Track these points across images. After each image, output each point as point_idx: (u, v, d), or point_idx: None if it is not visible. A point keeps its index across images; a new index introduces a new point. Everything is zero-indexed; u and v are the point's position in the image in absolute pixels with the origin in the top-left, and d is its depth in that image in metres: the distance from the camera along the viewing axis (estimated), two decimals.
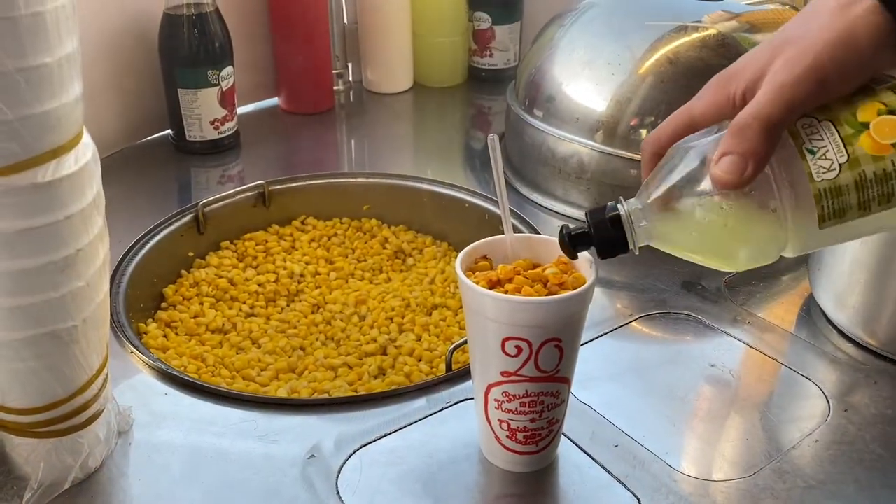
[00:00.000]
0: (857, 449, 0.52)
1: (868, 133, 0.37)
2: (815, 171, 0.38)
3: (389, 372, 0.68)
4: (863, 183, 0.37)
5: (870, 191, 0.38)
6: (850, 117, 0.38)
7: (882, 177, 0.37)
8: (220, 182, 0.89)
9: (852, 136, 0.37)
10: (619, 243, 0.43)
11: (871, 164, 0.37)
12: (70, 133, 0.40)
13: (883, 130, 0.37)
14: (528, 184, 0.85)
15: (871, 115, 0.37)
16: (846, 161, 0.37)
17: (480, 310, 0.45)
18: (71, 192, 0.40)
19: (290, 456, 0.52)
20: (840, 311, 0.61)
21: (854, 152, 0.37)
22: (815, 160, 0.38)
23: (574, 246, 0.45)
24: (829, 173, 0.38)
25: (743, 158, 0.38)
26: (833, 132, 0.38)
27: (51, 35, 0.37)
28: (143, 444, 0.53)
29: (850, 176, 0.37)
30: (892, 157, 0.37)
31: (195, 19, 0.88)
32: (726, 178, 0.38)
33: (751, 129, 0.37)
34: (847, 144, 0.37)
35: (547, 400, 0.47)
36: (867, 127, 0.37)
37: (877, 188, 0.37)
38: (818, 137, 0.38)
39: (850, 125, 0.38)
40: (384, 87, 1.12)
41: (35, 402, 0.44)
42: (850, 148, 0.37)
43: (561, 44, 0.83)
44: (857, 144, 0.37)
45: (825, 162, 0.38)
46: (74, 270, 0.42)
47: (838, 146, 0.38)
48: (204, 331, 0.73)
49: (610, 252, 0.44)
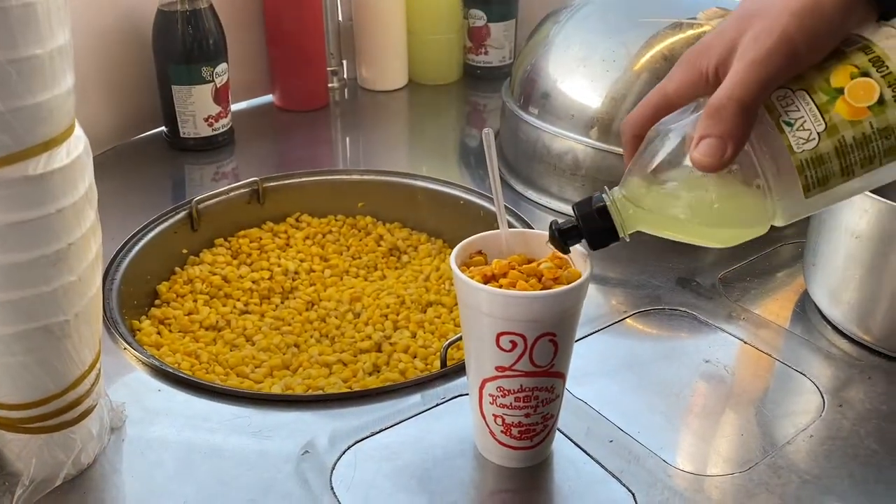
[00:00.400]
0: (851, 444, 0.52)
1: (843, 98, 0.37)
2: (794, 142, 0.38)
3: (384, 369, 0.68)
4: (843, 149, 0.37)
5: (851, 156, 0.37)
6: (824, 84, 0.37)
7: (862, 141, 0.37)
8: (214, 179, 0.89)
9: (828, 104, 0.37)
10: (608, 233, 0.43)
11: (850, 130, 0.37)
12: (62, 125, 0.40)
13: (857, 94, 0.37)
14: (523, 181, 0.84)
15: (845, 80, 0.37)
16: (824, 129, 0.37)
17: (475, 304, 0.45)
18: (63, 186, 0.40)
19: (284, 452, 0.52)
20: (835, 307, 0.61)
21: (831, 119, 0.37)
22: (793, 132, 0.38)
23: (564, 241, 0.45)
24: (808, 143, 0.37)
25: (721, 140, 0.37)
26: (808, 101, 0.38)
27: (42, 26, 0.36)
28: (136, 440, 0.52)
29: (829, 144, 0.37)
30: (870, 120, 0.37)
31: (189, 15, 0.87)
32: (706, 161, 0.38)
33: (726, 111, 0.37)
34: (823, 112, 0.37)
35: (542, 395, 0.47)
36: (842, 92, 0.37)
37: (858, 153, 0.37)
38: (794, 108, 0.38)
39: (825, 92, 0.37)
40: (379, 85, 1.12)
41: (26, 397, 0.44)
42: (826, 116, 0.37)
43: (556, 41, 0.83)
44: (834, 111, 0.37)
45: (803, 132, 0.37)
46: (66, 264, 0.42)
47: (815, 115, 0.37)
48: (198, 328, 0.73)
49: (601, 242, 0.44)
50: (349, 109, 1.08)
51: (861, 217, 0.56)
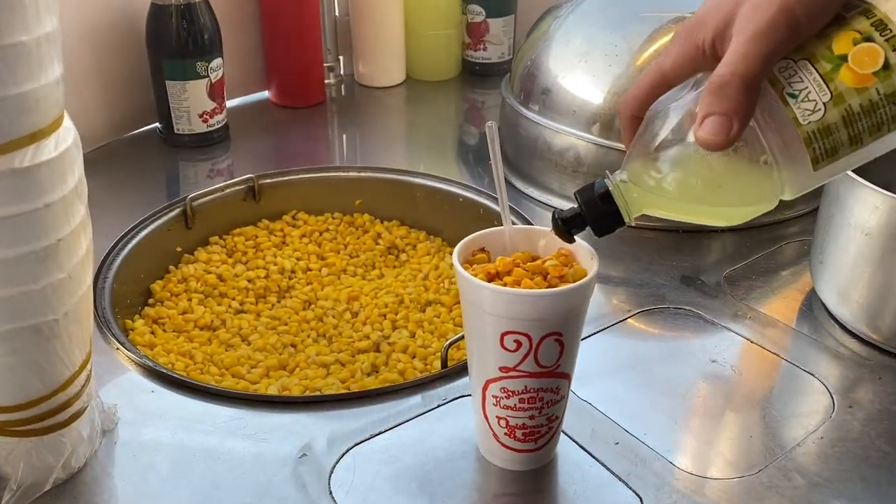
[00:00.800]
0: (862, 446, 0.51)
1: (847, 66, 0.36)
2: (800, 115, 0.36)
3: (383, 369, 0.67)
4: (851, 118, 0.36)
5: (859, 124, 0.36)
6: (826, 52, 0.36)
7: (869, 108, 0.36)
8: (208, 176, 0.87)
9: (832, 72, 0.36)
10: (613, 218, 0.42)
11: (856, 97, 0.36)
12: (50, 116, 0.38)
13: (862, 60, 0.36)
14: (524, 178, 0.83)
15: (848, 46, 0.36)
16: (830, 99, 0.36)
17: (478, 303, 0.44)
18: (51, 179, 0.39)
19: (281, 455, 0.50)
20: (843, 306, 0.60)
21: (836, 88, 0.36)
22: (798, 104, 0.36)
23: (568, 229, 0.44)
24: (814, 115, 0.36)
25: (727, 118, 0.36)
26: (811, 71, 0.36)
27: (28, 12, 0.35)
28: (128, 442, 0.51)
29: (836, 113, 0.36)
30: (877, 86, 0.36)
31: (183, 9, 0.86)
32: (713, 140, 0.37)
33: (730, 87, 0.36)
34: (828, 81, 0.36)
35: (547, 396, 0.46)
36: (845, 59, 0.36)
37: (865, 120, 0.36)
38: (797, 80, 0.37)
39: (828, 60, 0.36)
40: (376, 81, 1.11)
41: (14, 399, 0.42)
42: (831, 85, 0.36)
43: (557, 35, 0.82)
44: (838, 79, 0.36)
45: (809, 104, 0.36)
46: (55, 261, 0.40)
47: (819, 85, 0.36)
48: (192, 327, 0.71)
49: (606, 228, 0.43)
50: (346, 106, 1.07)
51: (871, 214, 0.55)
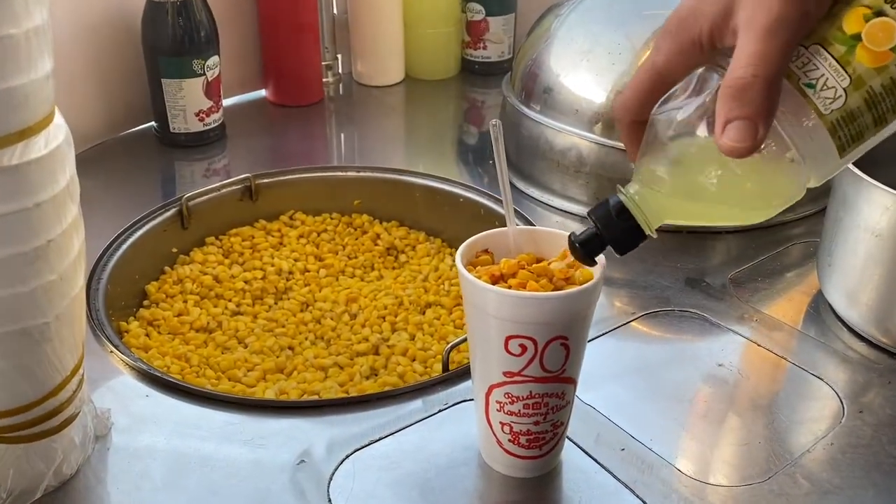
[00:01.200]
0: (873, 452, 0.50)
1: (862, 45, 0.34)
2: (821, 105, 0.35)
3: (382, 372, 0.65)
4: (873, 99, 0.35)
5: (883, 104, 0.35)
6: (838, 33, 0.35)
7: (891, 86, 0.35)
8: (205, 175, 0.86)
9: (847, 54, 0.34)
10: (634, 233, 0.40)
11: (877, 78, 0.34)
12: (39, 113, 0.37)
13: (877, 37, 0.34)
14: (525, 178, 0.82)
15: (860, 24, 0.34)
16: (849, 84, 0.35)
17: (482, 306, 0.43)
18: (41, 178, 0.37)
19: (279, 461, 0.49)
20: (852, 309, 0.59)
21: (855, 71, 0.34)
22: (817, 94, 0.35)
23: (589, 253, 0.41)
24: (835, 102, 0.35)
25: (752, 122, 0.34)
26: (826, 56, 0.35)
27: (17, 4, 0.34)
28: (122, 448, 0.50)
29: (858, 97, 0.35)
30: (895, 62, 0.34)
31: (180, 6, 0.85)
32: (739, 147, 0.34)
33: (753, 90, 0.34)
34: (844, 65, 0.35)
35: (552, 401, 0.45)
36: (859, 39, 0.34)
37: (889, 99, 0.35)
38: (812, 67, 0.35)
39: (841, 42, 0.35)
40: (375, 80, 1.09)
41: (3, 405, 0.41)
42: (849, 68, 0.34)
43: (558, 34, 0.80)
44: (856, 61, 0.34)
45: (828, 92, 0.35)
46: (46, 263, 0.39)
47: (836, 70, 0.35)
48: (188, 329, 0.70)
49: (629, 245, 0.41)
50: (344, 105, 1.06)
51: (882, 215, 0.54)
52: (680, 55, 0.38)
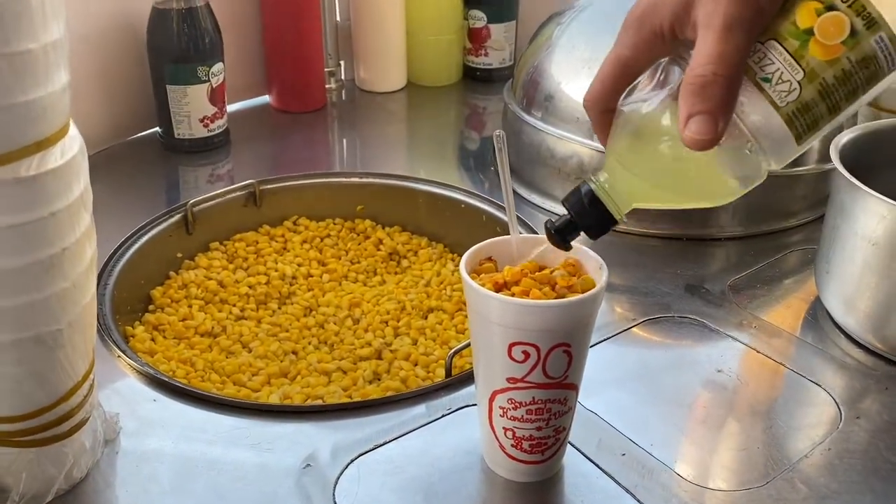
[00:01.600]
0: (871, 458, 0.51)
1: (815, 39, 0.36)
2: (777, 98, 0.37)
3: (385, 377, 0.66)
4: (827, 91, 0.36)
5: (836, 94, 0.36)
6: (792, 28, 0.36)
7: (843, 78, 0.36)
8: (209, 181, 0.87)
9: (801, 49, 0.36)
10: (605, 219, 0.42)
11: (829, 70, 0.36)
12: (56, 124, 0.38)
13: (828, 31, 0.36)
14: (527, 184, 0.83)
15: (811, 19, 0.36)
16: (804, 77, 0.36)
17: (486, 313, 0.44)
18: (56, 188, 0.38)
19: (285, 465, 0.50)
20: (849, 316, 0.60)
21: (808, 64, 0.36)
22: (773, 87, 0.37)
23: (564, 238, 0.44)
24: (791, 95, 0.36)
25: (712, 117, 0.36)
26: (780, 51, 0.36)
27: (36, 19, 0.35)
28: (130, 452, 0.50)
29: (812, 89, 0.36)
30: (847, 55, 0.36)
31: (185, 14, 0.86)
32: (701, 139, 0.36)
33: (714, 86, 0.36)
34: (798, 59, 0.36)
35: (554, 407, 0.46)
36: (812, 33, 0.36)
37: (841, 89, 0.36)
38: (768, 62, 0.37)
39: (794, 37, 0.36)
40: (377, 86, 1.10)
41: (17, 409, 0.42)
42: (802, 62, 0.36)
43: (560, 42, 0.81)
44: (809, 55, 0.36)
45: (783, 85, 0.36)
46: (60, 270, 0.40)
47: (790, 64, 0.36)
48: (193, 334, 0.71)
49: (600, 230, 0.43)
50: (347, 111, 1.07)
51: (879, 223, 0.55)
52: (643, 47, 0.40)
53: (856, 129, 0.64)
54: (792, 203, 0.76)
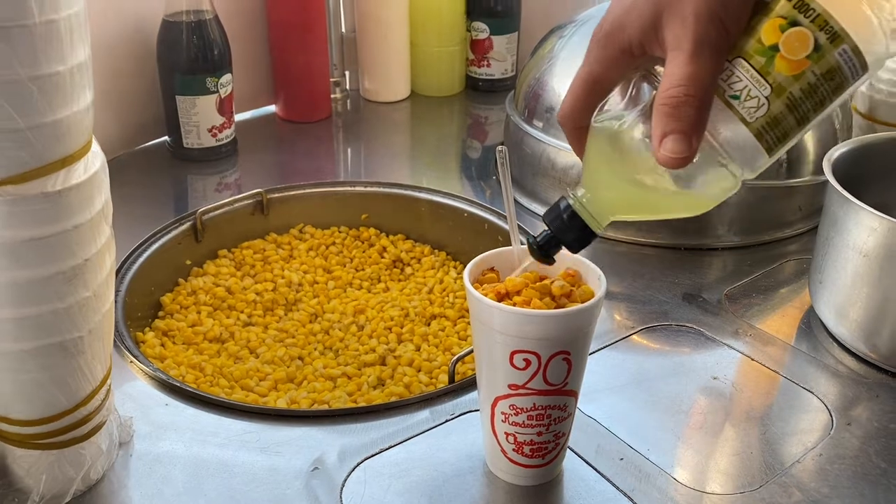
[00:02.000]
0: (861, 463, 0.52)
1: (780, 55, 0.37)
2: (745, 114, 0.38)
3: (389, 382, 0.68)
4: (794, 104, 0.37)
5: (802, 107, 0.37)
6: (757, 45, 0.37)
7: (809, 91, 0.37)
8: (217, 190, 0.88)
9: (767, 65, 0.37)
10: (584, 233, 0.43)
11: (795, 84, 0.37)
12: (80, 142, 0.39)
13: (793, 46, 0.36)
14: (528, 194, 0.85)
15: (776, 35, 0.37)
16: (771, 92, 0.37)
17: (488, 322, 0.45)
18: (80, 202, 0.40)
19: (294, 468, 0.51)
20: (841, 325, 0.62)
21: (775, 80, 0.37)
22: (741, 104, 0.38)
23: (546, 253, 0.45)
24: (759, 111, 0.37)
25: (685, 136, 0.37)
26: (747, 68, 0.37)
27: (64, 43, 0.36)
28: (144, 455, 0.52)
29: (780, 104, 0.37)
30: (812, 69, 0.37)
31: (194, 26, 0.87)
32: (675, 158, 0.37)
33: (686, 106, 0.37)
34: (765, 75, 0.37)
35: (554, 413, 0.47)
36: (777, 49, 0.37)
37: (808, 101, 0.37)
38: (736, 79, 0.38)
39: (760, 54, 0.37)
40: (381, 96, 1.12)
41: (39, 413, 0.44)
42: (769, 78, 0.37)
43: (561, 55, 0.83)
44: (775, 71, 0.37)
45: (751, 101, 0.37)
46: (81, 280, 0.41)
47: (757, 80, 0.37)
48: (201, 340, 0.72)
49: (581, 244, 0.44)
50: (352, 120, 1.09)
51: (869, 235, 0.57)
52: (612, 64, 0.41)
53: (849, 143, 0.66)
54: (788, 214, 0.78)
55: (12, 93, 0.36)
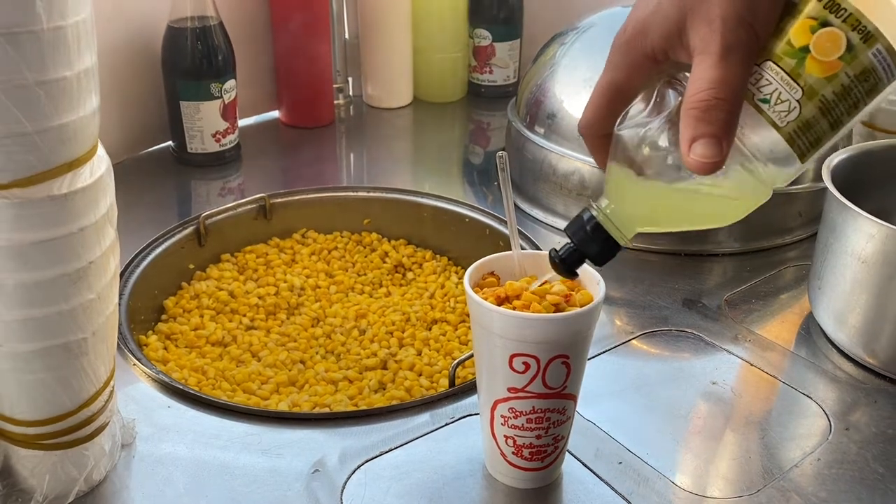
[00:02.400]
0: (858, 468, 0.52)
1: (811, 56, 0.35)
2: (776, 118, 0.37)
3: (390, 386, 0.68)
4: (827, 107, 0.36)
5: (836, 110, 0.36)
6: (787, 47, 0.36)
7: (842, 93, 0.36)
8: (220, 194, 0.89)
9: (798, 67, 0.36)
10: (609, 245, 0.42)
11: (828, 86, 0.36)
12: (86, 146, 0.40)
13: (824, 47, 0.35)
14: (529, 200, 0.85)
15: (807, 36, 0.35)
16: (802, 95, 0.36)
17: (488, 326, 0.46)
18: (85, 205, 0.40)
19: (295, 470, 0.52)
20: (840, 331, 0.62)
21: (806, 82, 0.36)
22: (771, 108, 0.36)
23: (569, 268, 0.44)
24: (791, 114, 0.36)
25: (716, 140, 0.36)
26: (777, 70, 0.36)
27: (71, 49, 0.37)
28: (146, 456, 0.52)
29: (812, 107, 0.36)
30: (845, 70, 0.35)
31: (199, 32, 0.88)
32: (705, 163, 0.36)
33: (716, 110, 0.36)
34: (796, 78, 0.36)
35: (553, 416, 0.48)
36: (808, 51, 0.36)
37: (842, 104, 0.36)
38: (765, 83, 0.36)
39: (791, 56, 0.36)
40: (384, 102, 1.13)
41: (43, 414, 0.44)
42: (800, 80, 0.36)
43: (563, 62, 0.84)
44: (806, 73, 0.36)
45: (782, 105, 0.36)
46: (86, 282, 0.42)
47: (788, 83, 0.36)
48: (204, 343, 0.73)
49: (605, 257, 0.43)
50: (354, 126, 1.09)
51: (868, 242, 0.57)
52: (634, 70, 0.40)
53: (848, 150, 0.66)
54: (788, 220, 0.79)
55: (20, 97, 0.36)
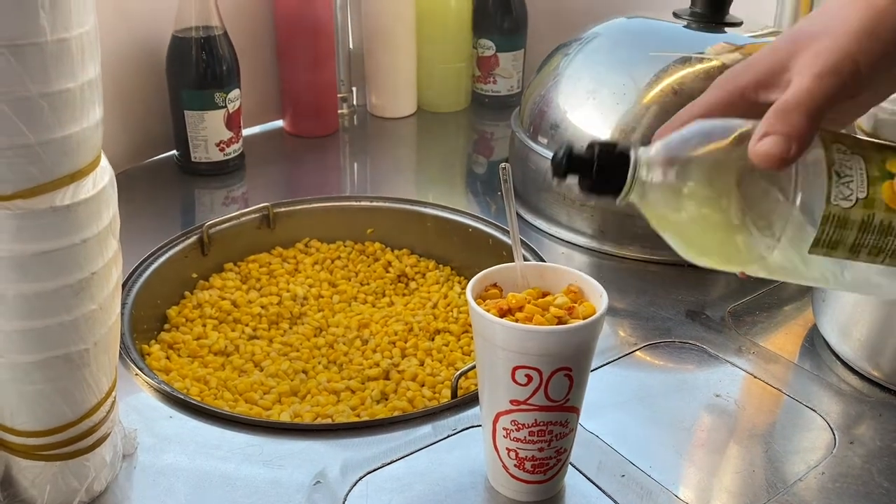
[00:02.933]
0: (863, 482, 0.52)
1: (891, 183, 0.38)
2: (834, 193, 0.38)
3: (392, 397, 0.68)
4: (867, 225, 0.38)
5: (869, 236, 0.38)
6: (880, 163, 0.39)
7: (884, 228, 0.38)
8: (224, 204, 0.89)
9: (877, 179, 0.38)
10: (613, 183, 0.40)
11: (883, 213, 0.38)
12: (89, 157, 0.40)
13: None
14: (532, 210, 0.85)
15: None
16: (864, 198, 0.38)
17: (491, 338, 0.46)
18: (88, 216, 0.40)
19: (296, 481, 0.52)
20: (844, 343, 0.62)
21: (874, 193, 0.38)
22: (838, 184, 0.38)
23: (568, 166, 0.40)
24: (845, 202, 0.38)
25: (787, 139, 0.37)
26: (862, 167, 0.38)
27: (75, 61, 0.37)
28: (147, 467, 0.52)
29: (860, 214, 0.38)
30: None
31: (203, 42, 0.88)
32: (771, 154, 0.37)
33: (796, 113, 0.37)
34: (871, 184, 0.38)
35: (556, 429, 0.47)
36: (892, 177, 0.38)
37: (875, 236, 0.38)
38: (849, 165, 0.38)
39: (878, 169, 0.38)
40: (388, 112, 1.13)
41: (44, 424, 0.44)
42: (872, 189, 0.38)
43: (566, 72, 0.84)
44: (879, 188, 0.38)
45: (846, 190, 0.38)
46: (88, 293, 0.42)
47: (863, 181, 0.38)
48: (206, 353, 0.73)
49: (599, 187, 0.40)
50: (358, 136, 1.09)
51: None
52: (725, 100, 0.41)
53: None
54: None
55: (23, 109, 0.36)
